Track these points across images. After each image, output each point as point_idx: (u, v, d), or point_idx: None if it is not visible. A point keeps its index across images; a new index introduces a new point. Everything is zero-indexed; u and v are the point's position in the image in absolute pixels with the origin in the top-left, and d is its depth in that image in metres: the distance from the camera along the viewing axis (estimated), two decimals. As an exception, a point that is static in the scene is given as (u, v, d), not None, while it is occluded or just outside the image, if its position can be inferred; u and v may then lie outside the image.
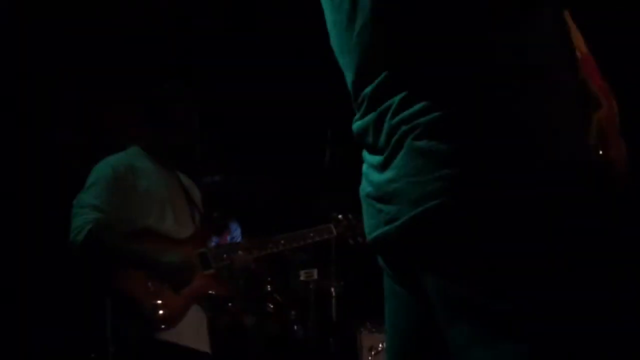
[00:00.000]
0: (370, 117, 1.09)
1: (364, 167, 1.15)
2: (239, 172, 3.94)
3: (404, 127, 1.01)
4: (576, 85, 1.02)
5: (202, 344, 2.82)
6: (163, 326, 2.65)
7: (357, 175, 1.19)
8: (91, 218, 2.66)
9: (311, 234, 3.13)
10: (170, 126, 2.90)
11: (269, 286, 3.79)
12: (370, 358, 3.65)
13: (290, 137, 4.53)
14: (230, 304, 3.51)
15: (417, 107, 0.99)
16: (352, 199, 1.27)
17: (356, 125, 1.15)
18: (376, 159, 1.09)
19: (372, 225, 1.10)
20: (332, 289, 3.86)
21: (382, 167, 1.06)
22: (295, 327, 3.69)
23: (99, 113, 4.18)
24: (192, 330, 2.76)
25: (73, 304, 3.81)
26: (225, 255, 2.90)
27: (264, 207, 3.92)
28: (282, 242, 3.04)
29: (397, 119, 1.02)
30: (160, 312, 2.65)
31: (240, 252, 2.93)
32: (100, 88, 4.20)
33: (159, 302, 2.66)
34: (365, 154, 1.15)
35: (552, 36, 1.02)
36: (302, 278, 3.84)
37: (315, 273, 3.84)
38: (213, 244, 2.97)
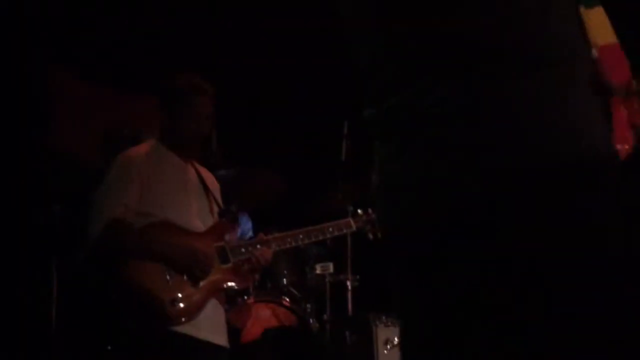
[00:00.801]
0: (386, 105, 1.10)
1: (378, 157, 1.15)
2: (254, 165, 3.93)
3: (419, 118, 1.02)
4: (592, 77, 1.02)
5: (220, 338, 2.82)
6: (183, 319, 2.65)
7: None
8: (109, 211, 2.67)
9: (330, 229, 3.12)
10: (188, 118, 2.89)
11: (284, 279, 3.78)
12: (386, 352, 3.65)
13: (306, 130, 4.53)
14: (245, 297, 3.51)
15: (430, 98, 1.00)
16: (369, 192, 1.27)
17: (368, 113, 1.15)
18: (389, 148, 1.10)
19: (390, 214, 1.12)
20: (348, 283, 3.86)
21: (396, 157, 1.07)
22: (311, 321, 3.68)
23: (117, 106, 4.19)
24: (211, 324, 2.76)
25: (90, 297, 3.82)
26: (243, 250, 2.90)
27: (279, 200, 3.91)
28: (301, 236, 3.04)
29: (413, 108, 1.03)
30: (180, 305, 2.65)
31: (259, 247, 2.92)
32: (119, 81, 4.21)
33: (178, 295, 2.66)
34: (379, 144, 1.15)
35: (572, 27, 1.02)
36: (318, 271, 3.83)
37: (331, 267, 3.83)
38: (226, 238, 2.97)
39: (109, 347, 3.70)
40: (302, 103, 4.29)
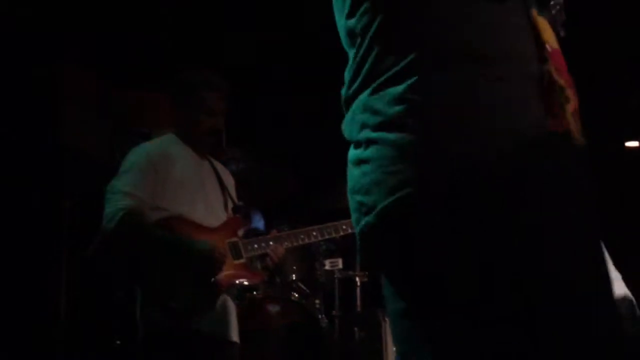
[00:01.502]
0: (349, 113, 1.16)
1: (348, 163, 1.19)
2: (264, 160, 3.93)
3: (373, 120, 1.08)
4: (538, 74, 1.07)
5: (231, 333, 2.82)
6: (194, 315, 2.65)
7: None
8: (124, 205, 2.66)
9: (344, 226, 3.12)
10: (201, 113, 2.88)
11: (293, 275, 3.77)
12: (394, 348, 3.65)
13: (318, 125, 4.52)
14: (254, 293, 3.51)
15: (383, 100, 1.07)
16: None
17: (344, 122, 1.20)
18: (354, 153, 1.14)
19: (355, 219, 1.15)
20: (357, 279, 3.87)
21: (359, 160, 1.12)
22: (320, 317, 3.68)
23: (126, 102, 4.19)
24: (222, 319, 2.77)
25: (99, 293, 3.83)
26: (256, 246, 2.90)
27: (291, 196, 3.91)
28: (314, 233, 3.04)
29: (366, 112, 1.10)
30: (191, 300, 2.65)
31: (271, 243, 2.93)
32: (128, 77, 4.21)
33: (190, 290, 2.66)
34: (350, 151, 1.19)
35: (512, 27, 1.09)
36: (327, 267, 3.83)
37: (340, 262, 3.83)
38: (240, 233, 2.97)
39: (118, 342, 3.72)
40: (314, 98, 4.28)
